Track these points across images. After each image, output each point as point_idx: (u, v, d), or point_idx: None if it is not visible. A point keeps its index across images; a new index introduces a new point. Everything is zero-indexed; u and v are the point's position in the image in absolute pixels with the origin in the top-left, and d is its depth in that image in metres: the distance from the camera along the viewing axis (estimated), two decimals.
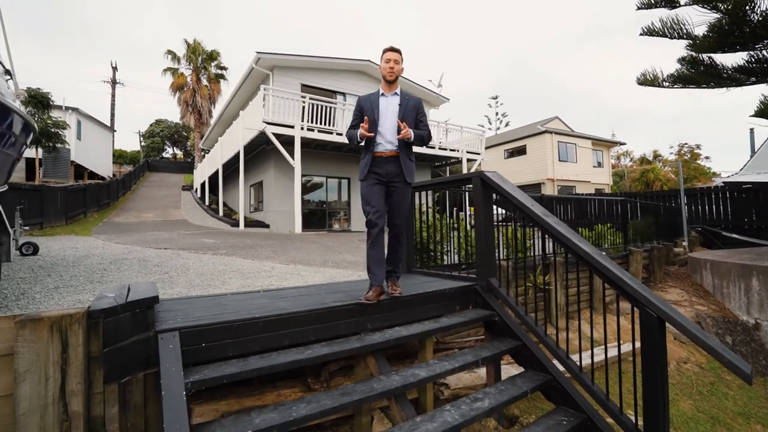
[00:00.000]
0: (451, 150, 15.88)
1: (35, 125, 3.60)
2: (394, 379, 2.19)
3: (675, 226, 11.03)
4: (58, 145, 14.38)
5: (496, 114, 40.02)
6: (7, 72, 3.33)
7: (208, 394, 2.14)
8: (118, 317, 1.70)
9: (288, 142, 11.49)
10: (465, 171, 15.89)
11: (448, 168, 18.48)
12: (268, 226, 13.33)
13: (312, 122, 11.90)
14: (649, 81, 8.64)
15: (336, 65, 15.23)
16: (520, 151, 25.56)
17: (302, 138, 11.57)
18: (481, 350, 2.66)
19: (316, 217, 13.87)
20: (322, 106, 12.20)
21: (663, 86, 8.53)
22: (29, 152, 14.67)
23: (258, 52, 13.18)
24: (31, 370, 1.40)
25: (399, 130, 2.61)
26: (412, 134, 2.62)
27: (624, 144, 31.32)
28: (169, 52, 25.41)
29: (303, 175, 12.58)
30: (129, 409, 1.75)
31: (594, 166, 26.52)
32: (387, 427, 2.39)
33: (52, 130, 13.47)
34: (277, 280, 4.12)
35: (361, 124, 2.65)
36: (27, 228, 5.85)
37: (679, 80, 7.94)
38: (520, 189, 2.96)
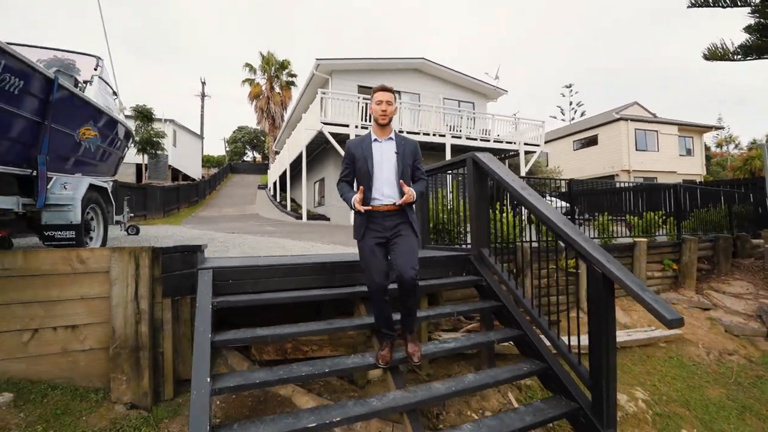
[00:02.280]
0: (507, 143, 15.59)
1: (133, 132, 4.75)
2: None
3: (766, 217, 9.81)
4: (159, 152, 17.12)
5: (570, 104, 37.49)
6: (114, 93, 4.51)
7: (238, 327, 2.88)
8: (172, 255, 2.48)
9: (345, 140, 12.41)
10: (522, 164, 15.51)
11: (507, 161, 18.08)
12: (328, 219, 14.46)
13: (366, 121, 12.68)
14: (718, 55, 7.91)
15: (391, 65, 15.85)
16: (591, 142, 23.83)
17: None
18: (459, 306, 3.07)
19: None
20: None
21: (735, 59, 7.75)
22: (138, 158, 17.68)
23: (317, 59, 14.34)
24: (118, 279, 2.22)
25: (401, 190, 2.28)
26: (414, 195, 2.28)
27: (721, 128, 27.49)
28: (247, 64, 28.27)
29: None
30: (180, 320, 2.53)
31: (681, 155, 23.74)
32: None
33: (154, 139, 16.10)
34: (313, 253, 4.85)
35: (355, 197, 2.28)
36: (132, 215, 7.38)
37: (751, 51, 7.18)
38: (591, 181, 3.21)
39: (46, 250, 2.36)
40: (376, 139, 2.40)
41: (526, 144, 15.69)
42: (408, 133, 13.33)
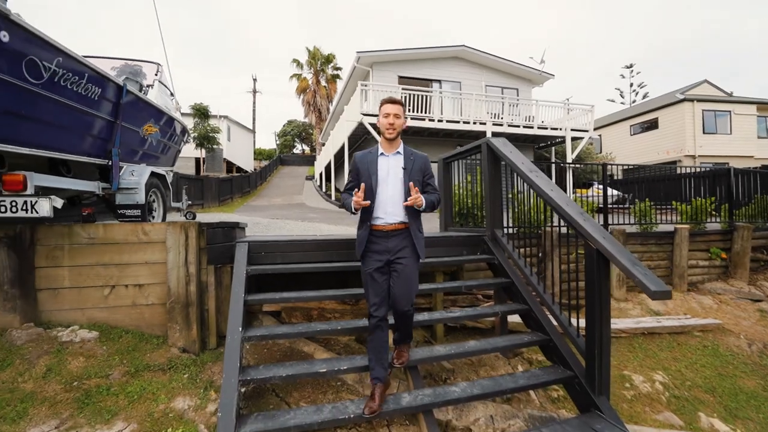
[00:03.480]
0: (552, 129, 15.01)
1: (188, 129, 5.40)
2: None
3: None
4: (215, 146, 18.56)
5: (631, 85, 34.78)
6: (172, 94, 5.17)
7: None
8: (215, 229, 2.96)
9: None
10: (569, 150, 14.89)
11: (553, 148, 17.39)
12: None
13: (406, 110, 12.86)
14: None
15: (431, 54, 15.82)
16: (651, 126, 22.08)
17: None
18: (468, 281, 3.28)
19: None
20: (416, 95, 13.01)
21: None
22: (196, 152, 19.31)
23: (358, 52, 14.70)
24: (172, 247, 2.72)
25: (406, 197, 2.14)
26: (424, 201, 2.14)
27: None
28: (294, 60, 29.42)
29: None
30: (222, 285, 3.01)
31: (760, 137, 21.28)
32: None
33: (210, 134, 17.48)
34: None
35: (355, 191, 2.16)
36: (190, 203, 8.29)
37: None
38: (650, 167, 3.23)
39: (119, 224, 2.93)
40: (382, 153, 2.27)
41: (573, 130, 15.01)
42: (448, 122, 13.34)
